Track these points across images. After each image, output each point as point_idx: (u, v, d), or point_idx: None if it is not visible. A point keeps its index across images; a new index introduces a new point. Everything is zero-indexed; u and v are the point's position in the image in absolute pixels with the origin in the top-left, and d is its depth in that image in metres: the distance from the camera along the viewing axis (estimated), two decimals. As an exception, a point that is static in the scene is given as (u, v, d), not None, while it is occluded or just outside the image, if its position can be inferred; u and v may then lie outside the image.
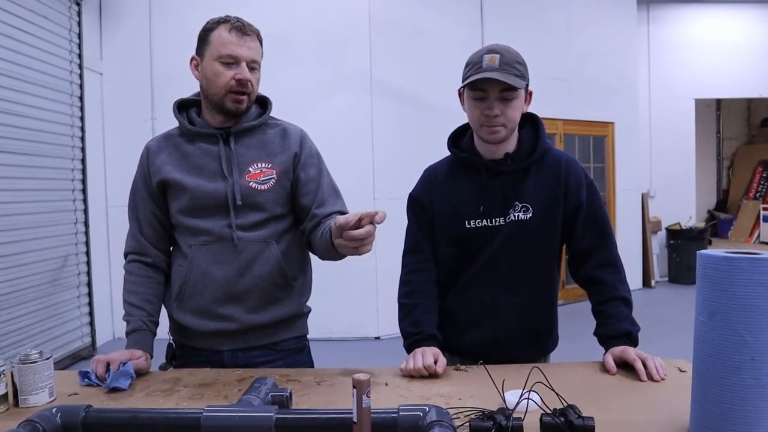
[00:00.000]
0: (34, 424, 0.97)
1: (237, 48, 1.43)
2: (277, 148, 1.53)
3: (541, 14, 6.04)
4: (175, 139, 1.54)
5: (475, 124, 1.48)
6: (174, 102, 1.58)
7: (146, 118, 5.09)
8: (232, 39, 1.42)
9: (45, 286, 4.19)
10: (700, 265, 0.98)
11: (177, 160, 1.51)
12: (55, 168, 4.35)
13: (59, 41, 4.42)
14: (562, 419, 0.98)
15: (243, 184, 1.48)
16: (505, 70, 1.37)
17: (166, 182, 1.51)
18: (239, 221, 1.48)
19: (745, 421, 0.92)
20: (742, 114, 11.85)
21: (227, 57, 1.43)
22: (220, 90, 1.45)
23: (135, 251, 1.56)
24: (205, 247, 1.49)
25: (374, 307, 5.10)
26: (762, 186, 10.72)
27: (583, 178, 1.52)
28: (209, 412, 0.99)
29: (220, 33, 1.43)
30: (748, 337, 0.91)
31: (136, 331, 1.48)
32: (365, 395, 0.90)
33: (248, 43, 1.44)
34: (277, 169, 1.51)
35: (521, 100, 1.45)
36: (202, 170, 1.49)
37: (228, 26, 1.44)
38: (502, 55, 1.39)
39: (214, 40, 1.44)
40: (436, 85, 5.35)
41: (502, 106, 1.41)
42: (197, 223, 1.49)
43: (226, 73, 1.43)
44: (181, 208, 1.51)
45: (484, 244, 1.49)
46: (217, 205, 1.48)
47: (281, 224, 1.54)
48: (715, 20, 7.60)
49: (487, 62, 1.38)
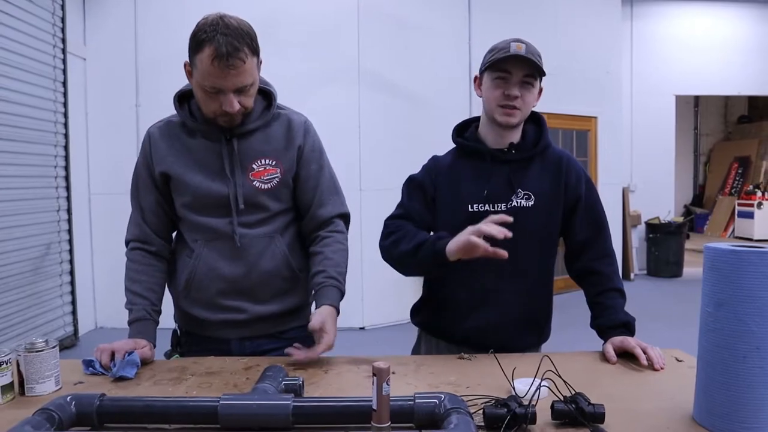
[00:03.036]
0: (49, 412, 0.97)
1: (220, 81, 1.34)
2: (282, 143, 1.51)
3: (528, 8, 6.08)
4: (177, 130, 1.50)
5: (492, 105, 1.51)
6: (174, 94, 1.53)
7: (130, 105, 5.02)
8: (215, 71, 1.32)
9: (27, 275, 4.11)
10: (708, 258, 1.02)
11: (179, 153, 1.48)
12: (37, 154, 4.26)
13: (42, 24, 4.32)
14: (573, 406, 1.01)
15: (246, 185, 1.47)
16: (531, 57, 1.46)
17: (168, 175, 1.48)
18: (242, 219, 1.47)
19: (750, 408, 0.95)
20: (719, 111, 12.10)
21: (210, 87, 1.36)
22: (210, 114, 1.42)
23: (137, 239, 1.54)
24: (211, 244, 1.48)
25: (359, 298, 5.12)
26: (737, 182, 10.97)
27: (582, 173, 1.60)
28: (226, 401, 1.00)
29: (203, 59, 1.32)
30: (754, 327, 0.95)
31: (140, 321, 1.47)
32: (385, 383, 0.91)
33: (232, 72, 1.33)
34: (281, 167, 1.50)
35: (537, 91, 1.53)
36: (205, 167, 1.47)
37: (212, 53, 1.30)
38: (527, 45, 1.48)
39: (198, 65, 1.35)
40: (424, 78, 5.37)
41: (522, 90, 1.49)
42: (201, 220, 1.48)
43: (212, 102, 1.38)
44: (184, 203, 1.50)
45: None
46: (220, 204, 1.47)
47: (285, 218, 1.54)
48: (695, 18, 7.74)
49: (514, 48, 1.46)
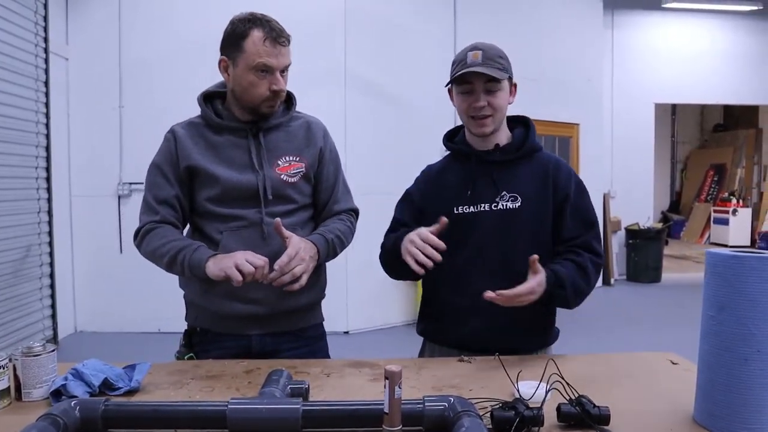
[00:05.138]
0: (54, 417, 0.95)
1: (272, 59, 1.44)
2: (303, 142, 1.59)
3: (512, 15, 6.15)
4: (201, 129, 1.55)
5: (464, 118, 1.58)
6: (199, 94, 1.59)
7: (113, 106, 4.95)
8: (267, 49, 1.43)
9: (7, 277, 4.02)
10: (709, 263, 1.04)
11: (205, 150, 1.53)
12: (18, 155, 4.17)
13: (24, 23, 4.24)
14: (579, 408, 1.02)
15: (274, 177, 1.53)
16: (488, 64, 1.49)
17: (195, 169, 1.52)
18: (269, 209, 1.52)
19: (751, 409, 0.98)
20: (695, 119, 12.36)
21: (262, 66, 1.44)
22: (255, 99, 1.49)
23: (152, 221, 1.53)
24: (237, 232, 1.51)
25: (344, 302, 5.11)
26: (713, 189, 11.22)
27: (572, 174, 1.60)
28: (235, 405, 0.99)
29: (254, 41, 1.43)
30: (754, 331, 0.97)
31: (205, 246, 1.47)
32: (397, 386, 0.92)
33: (282, 51, 1.46)
34: (305, 162, 1.58)
35: (506, 92, 1.55)
36: (232, 162, 1.52)
37: (262, 34, 1.43)
38: (484, 51, 1.51)
39: (248, 48, 1.44)
40: (410, 81, 5.39)
41: (488, 97, 1.51)
42: (228, 211, 1.52)
43: (261, 84, 1.46)
44: (210, 197, 1.52)
45: (473, 231, 1.54)
46: (248, 196, 1.52)
47: (306, 213, 1.61)
48: (674, 28, 7.92)
49: (471, 58, 1.50)
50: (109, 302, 5.00)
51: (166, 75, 4.89)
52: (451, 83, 1.56)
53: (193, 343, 1.56)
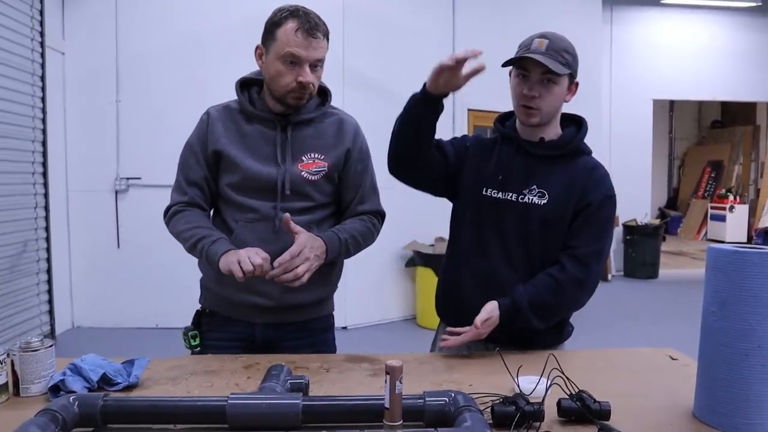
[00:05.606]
0: (53, 412, 0.95)
1: (301, 50, 1.43)
2: (331, 141, 1.57)
3: (511, 12, 6.13)
4: (235, 115, 1.57)
5: (515, 102, 1.53)
6: (237, 80, 1.59)
7: (111, 100, 4.91)
8: (298, 40, 1.42)
9: (3, 273, 4.01)
10: (711, 259, 1.04)
11: (234, 136, 1.54)
12: (14, 150, 4.15)
13: (20, 17, 4.20)
14: (580, 403, 1.02)
15: (294, 173, 1.53)
16: (550, 56, 1.43)
17: (220, 154, 1.54)
18: (285, 204, 1.52)
19: (752, 405, 0.98)
20: (693, 115, 12.37)
21: (290, 56, 1.43)
22: (281, 89, 1.48)
23: (182, 202, 1.57)
24: (251, 225, 1.52)
25: (342, 298, 5.07)
26: (710, 185, 11.22)
27: (604, 187, 1.53)
28: (234, 400, 0.99)
29: (286, 30, 1.43)
30: (755, 326, 0.97)
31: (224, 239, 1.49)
32: (398, 381, 0.91)
33: (314, 44, 1.44)
34: (329, 161, 1.56)
35: (563, 88, 1.48)
36: (256, 152, 1.53)
37: (296, 24, 1.43)
38: (551, 41, 1.45)
39: (279, 37, 1.44)
40: (408, 78, 5.30)
41: (542, 89, 1.46)
42: (246, 201, 1.53)
43: (288, 74, 1.45)
44: (231, 183, 1.54)
45: (497, 217, 1.52)
46: (267, 188, 1.52)
47: (324, 211, 1.60)
48: (673, 24, 7.90)
49: (535, 45, 1.45)
50: (107, 297, 4.98)
51: (164, 69, 4.86)
52: (511, 64, 1.49)
53: (201, 323, 1.60)
